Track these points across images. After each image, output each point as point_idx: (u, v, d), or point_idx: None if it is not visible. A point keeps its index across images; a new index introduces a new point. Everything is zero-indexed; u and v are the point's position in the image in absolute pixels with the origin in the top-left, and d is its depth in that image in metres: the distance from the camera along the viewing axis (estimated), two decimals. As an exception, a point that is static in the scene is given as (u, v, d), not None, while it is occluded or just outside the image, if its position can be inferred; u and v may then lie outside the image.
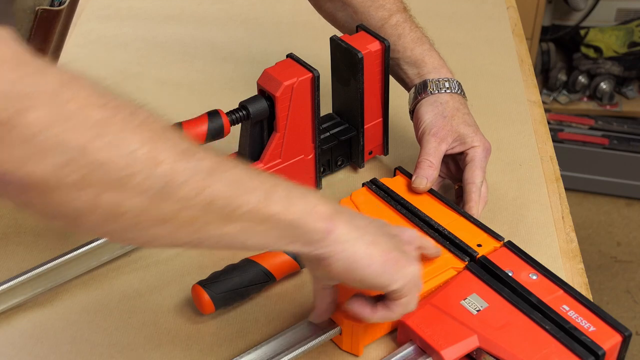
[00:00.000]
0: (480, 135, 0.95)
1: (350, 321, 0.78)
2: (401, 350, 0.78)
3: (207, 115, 0.88)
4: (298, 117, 0.93)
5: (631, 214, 2.45)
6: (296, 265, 0.86)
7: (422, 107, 0.96)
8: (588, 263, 2.19)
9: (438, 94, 0.96)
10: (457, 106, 0.96)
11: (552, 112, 2.53)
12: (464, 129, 0.94)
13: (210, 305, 0.81)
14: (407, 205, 0.90)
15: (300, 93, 0.91)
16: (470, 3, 1.42)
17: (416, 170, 0.93)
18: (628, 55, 2.53)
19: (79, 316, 0.85)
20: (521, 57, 1.28)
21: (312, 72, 0.91)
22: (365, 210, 0.90)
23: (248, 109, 0.90)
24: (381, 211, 0.90)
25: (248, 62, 1.26)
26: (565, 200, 1.00)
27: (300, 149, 0.95)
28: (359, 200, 0.92)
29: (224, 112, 0.89)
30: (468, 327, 0.77)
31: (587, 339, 0.75)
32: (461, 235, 0.86)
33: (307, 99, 0.92)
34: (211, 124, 0.88)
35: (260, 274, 0.84)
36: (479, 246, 0.85)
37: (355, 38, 0.96)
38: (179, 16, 1.39)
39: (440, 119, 0.94)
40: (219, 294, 0.82)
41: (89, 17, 1.38)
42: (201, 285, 0.82)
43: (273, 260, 0.85)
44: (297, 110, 0.92)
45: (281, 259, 0.85)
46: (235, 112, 0.90)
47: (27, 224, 0.96)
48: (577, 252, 0.92)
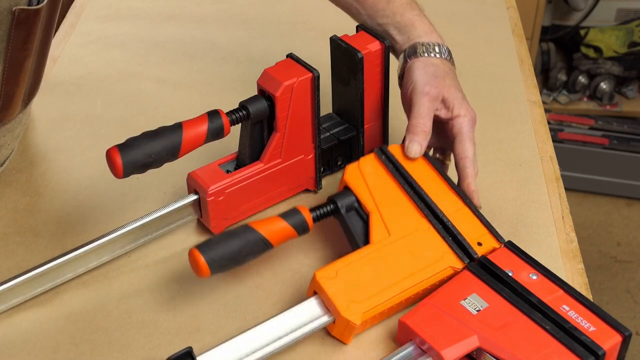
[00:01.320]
0: (467, 104, 0.92)
1: (346, 318, 0.79)
2: (401, 350, 0.78)
3: (207, 115, 0.88)
4: (298, 117, 0.93)
5: (631, 214, 2.45)
6: (294, 232, 0.85)
7: (412, 68, 0.93)
8: (588, 263, 2.19)
9: (428, 57, 0.94)
10: (447, 70, 0.94)
11: (552, 112, 2.53)
12: (454, 92, 0.91)
13: (206, 269, 0.79)
14: (412, 184, 0.89)
15: (300, 93, 0.91)
16: (470, 3, 1.42)
17: (409, 134, 0.90)
18: (628, 55, 2.53)
19: (79, 316, 0.85)
20: (521, 57, 1.28)
21: (312, 72, 0.91)
22: (370, 180, 0.88)
23: (248, 109, 0.90)
24: (385, 185, 0.89)
25: (248, 62, 1.26)
26: (565, 200, 1.00)
27: (300, 148, 0.95)
28: (366, 170, 0.90)
29: (224, 112, 0.89)
30: (468, 327, 0.77)
31: (587, 339, 0.75)
32: (463, 229, 0.86)
33: (307, 99, 0.92)
34: (211, 124, 0.88)
35: (257, 240, 0.82)
36: (479, 245, 0.85)
37: (355, 38, 0.96)
38: (179, 16, 1.39)
39: (432, 78, 0.92)
40: (216, 259, 0.80)
41: (89, 17, 1.38)
42: (198, 249, 0.80)
43: (270, 227, 0.83)
44: (297, 110, 0.92)
45: (279, 226, 0.84)
46: (235, 112, 0.90)
47: (27, 224, 0.96)
48: (577, 252, 0.92)
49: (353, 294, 0.80)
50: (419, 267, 0.83)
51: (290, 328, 0.80)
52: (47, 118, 1.14)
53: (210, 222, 0.93)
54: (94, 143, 1.09)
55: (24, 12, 0.86)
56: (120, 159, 0.82)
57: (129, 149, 0.83)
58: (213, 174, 0.92)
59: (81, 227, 0.96)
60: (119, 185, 1.00)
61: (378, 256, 0.83)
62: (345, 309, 0.79)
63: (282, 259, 0.91)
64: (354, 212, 0.88)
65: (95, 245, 0.87)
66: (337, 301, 0.79)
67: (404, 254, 0.84)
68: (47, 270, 0.85)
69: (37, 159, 1.07)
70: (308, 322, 0.80)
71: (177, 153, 0.86)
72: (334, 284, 0.80)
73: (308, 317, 0.81)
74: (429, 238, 0.86)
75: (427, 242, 0.85)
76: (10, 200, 1.00)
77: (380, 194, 0.88)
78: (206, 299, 0.87)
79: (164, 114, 1.16)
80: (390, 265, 0.83)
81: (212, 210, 0.91)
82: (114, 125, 1.13)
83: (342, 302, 0.79)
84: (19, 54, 0.90)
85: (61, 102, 1.18)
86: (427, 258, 0.84)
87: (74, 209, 0.98)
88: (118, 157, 0.82)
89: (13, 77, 0.92)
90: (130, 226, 0.89)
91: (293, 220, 0.84)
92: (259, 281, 0.89)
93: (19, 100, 0.97)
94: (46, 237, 0.94)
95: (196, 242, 0.93)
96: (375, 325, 0.83)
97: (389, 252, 0.84)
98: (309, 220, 0.85)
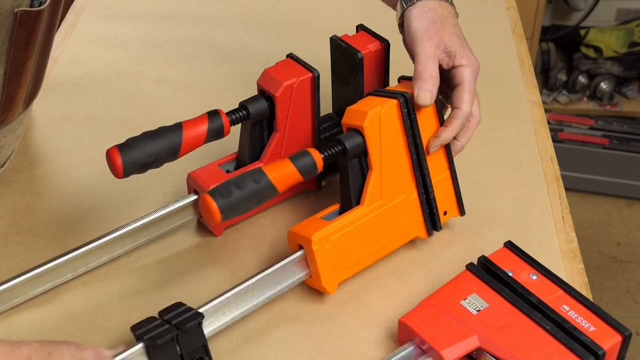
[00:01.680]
0: (469, 52, 0.89)
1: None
2: (401, 350, 0.78)
3: (207, 115, 0.88)
4: (298, 117, 0.93)
5: (631, 214, 2.45)
6: (300, 177, 0.82)
7: (411, 15, 0.90)
8: (588, 263, 2.19)
9: (425, 1, 0.90)
10: (445, 14, 0.90)
11: (552, 112, 2.53)
12: (455, 40, 0.88)
13: (218, 214, 0.77)
14: (416, 139, 0.87)
15: (300, 93, 0.91)
16: (470, 3, 1.42)
17: (416, 82, 0.86)
18: (628, 55, 2.53)
19: (79, 316, 0.85)
20: (521, 57, 1.28)
21: (312, 72, 0.91)
22: (384, 132, 0.85)
23: (248, 109, 0.90)
24: (395, 139, 0.86)
25: (248, 62, 1.26)
26: (565, 200, 1.00)
27: (300, 149, 0.95)
28: (385, 120, 0.86)
29: (224, 112, 0.89)
30: (468, 327, 0.77)
31: (587, 339, 0.75)
32: (439, 198, 0.90)
33: (307, 99, 0.92)
34: (211, 124, 0.88)
35: (268, 185, 0.80)
36: (445, 214, 0.91)
37: (355, 38, 0.95)
38: (179, 16, 1.39)
39: (431, 25, 0.88)
40: (226, 206, 0.78)
41: (89, 17, 1.38)
42: (210, 195, 0.78)
43: (279, 172, 0.81)
44: (297, 110, 0.92)
45: (288, 170, 0.82)
46: (235, 112, 0.90)
47: (27, 224, 0.96)
48: (577, 252, 0.92)
49: (337, 265, 0.84)
50: (395, 236, 0.88)
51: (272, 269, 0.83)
52: (48, 118, 1.14)
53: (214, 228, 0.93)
54: (94, 143, 1.09)
55: (26, 13, 0.86)
56: (120, 159, 0.82)
57: (129, 149, 0.83)
58: (213, 174, 0.92)
59: (81, 227, 0.96)
60: (119, 185, 1.00)
61: (367, 224, 0.86)
62: (327, 281, 0.84)
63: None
64: (356, 161, 0.86)
65: (95, 245, 0.87)
66: (323, 274, 0.83)
67: (388, 222, 0.87)
68: (47, 270, 0.85)
69: (38, 159, 1.07)
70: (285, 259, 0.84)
71: (177, 153, 0.86)
72: (324, 253, 0.83)
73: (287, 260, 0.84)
74: (412, 206, 0.89)
75: (409, 210, 0.88)
76: (10, 200, 1.00)
77: (388, 149, 0.86)
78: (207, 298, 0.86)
79: (164, 114, 1.16)
80: (374, 234, 0.86)
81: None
82: (114, 126, 1.13)
83: (327, 275, 0.83)
84: (21, 55, 0.90)
85: (61, 103, 1.18)
86: (403, 227, 0.88)
87: (74, 209, 0.98)
88: (118, 157, 0.82)
89: (15, 78, 0.92)
90: (130, 226, 0.89)
91: (302, 163, 0.83)
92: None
93: (21, 101, 0.97)
94: (46, 237, 0.94)
95: (196, 243, 0.94)
96: (375, 326, 0.84)
97: (376, 219, 0.86)
98: (318, 162, 0.83)
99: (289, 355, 0.81)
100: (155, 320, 0.76)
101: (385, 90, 0.88)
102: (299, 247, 0.84)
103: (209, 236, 0.94)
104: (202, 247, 0.93)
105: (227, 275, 0.89)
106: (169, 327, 0.75)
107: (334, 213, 0.87)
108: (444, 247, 0.93)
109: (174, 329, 0.75)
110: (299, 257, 0.84)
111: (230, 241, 0.94)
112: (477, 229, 0.95)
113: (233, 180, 0.79)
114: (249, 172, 0.80)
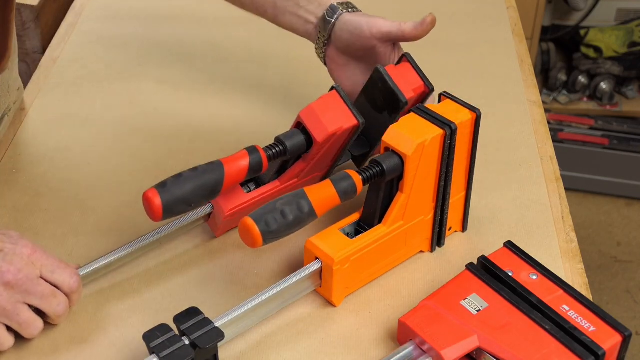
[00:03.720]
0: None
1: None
2: (401, 350, 0.78)
3: (247, 152, 0.85)
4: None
5: (631, 214, 2.45)
6: (339, 201, 0.82)
7: (343, 21, 0.95)
8: (588, 263, 2.19)
9: (350, 13, 0.96)
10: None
11: (552, 112, 2.53)
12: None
13: (260, 239, 0.77)
14: (449, 159, 0.86)
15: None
16: (470, 3, 1.42)
17: (418, 23, 0.93)
18: (628, 55, 2.53)
19: (79, 316, 0.85)
20: (521, 57, 1.28)
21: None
22: (425, 159, 0.84)
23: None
24: (431, 162, 0.85)
25: (248, 62, 1.26)
26: (565, 200, 1.00)
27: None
28: (430, 147, 0.84)
29: (263, 149, 0.87)
30: (468, 327, 0.77)
31: (587, 339, 0.75)
32: (450, 215, 0.90)
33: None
34: (251, 158, 0.84)
35: (309, 210, 0.79)
36: (449, 229, 0.92)
37: (400, 72, 0.92)
38: (179, 16, 1.39)
39: (367, 16, 0.95)
40: (268, 228, 0.77)
41: (89, 17, 1.38)
42: (252, 218, 0.77)
43: (320, 196, 0.81)
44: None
45: (329, 194, 0.81)
46: (272, 148, 0.88)
47: (27, 224, 0.96)
48: (577, 252, 0.92)
49: (350, 282, 0.84)
50: (403, 252, 0.88)
51: (284, 281, 0.82)
52: (47, 118, 1.14)
53: (217, 230, 0.93)
54: (94, 143, 1.09)
55: None
56: (159, 200, 0.78)
57: (169, 189, 0.79)
58: (231, 194, 0.89)
59: (81, 227, 0.96)
60: (119, 185, 1.00)
61: (384, 244, 0.85)
62: (337, 296, 0.84)
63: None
64: (389, 182, 0.84)
65: (106, 263, 0.87)
66: (336, 290, 0.83)
67: (401, 241, 0.87)
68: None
69: (37, 159, 1.07)
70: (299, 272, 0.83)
71: (217, 192, 0.83)
72: (342, 273, 0.83)
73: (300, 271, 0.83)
74: (425, 225, 0.89)
75: (422, 229, 0.88)
76: (10, 200, 0.99)
77: (422, 175, 0.85)
78: (208, 301, 0.86)
79: (164, 114, 1.16)
80: (386, 252, 0.86)
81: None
82: (114, 126, 1.13)
83: (339, 291, 0.84)
84: None
85: (61, 103, 1.18)
86: (413, 244, 0.88)
87: (74, 209, 0.98)
88: (157, 199, 0.78)
89: None
90: (141, 243, 0.88)
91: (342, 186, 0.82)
92: (260, 283, 0.89)
93: None
94: (46, 237, 0.94)
95: (198, 244, 0.93)
96: (375, 326, 0.84)
97: (394, 240, 0.86)
98: (358, 186, 0.82)
99: (289, 355, 0.81)
100: (169, 331, 0.75)
101: (430, 112, 0.85)
102: (315, 258, 0.83)
103: (214, 240, 0.94)
104: (202, 247, 0.93)
105: (229, 275, 0.89)
106: (186, 346, 0.74)
107: (353, 225, 0.87)
108: (444, 247, 0.93)
109: (192, 350, 0.74)
110: (315, 270, 0.83)
111: (229, 241, 0.94)
112: (477, 229, 0.95)
113: (278, 208, 0.77)
114: (292, 197, 0.78)
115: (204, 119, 1.13)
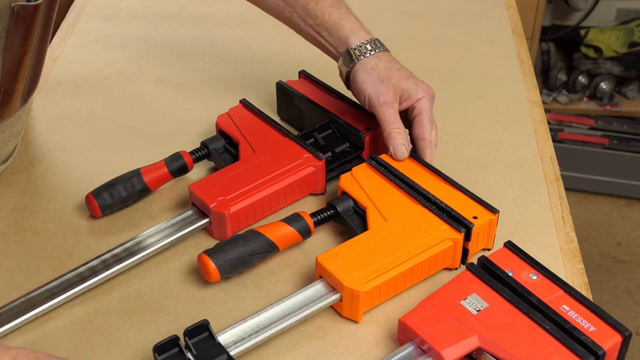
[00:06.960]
0: (421, 83, 0.97)
1: (350, 288, 0.81)
2: (401, 350, 0.78)
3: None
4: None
5: (631, 214, 2.45)
6: (299, 236, 0.89)
7: (356, 77, 0.98)
8: (588, 263, 2.19)
9: (364, 60, 0.97)
10: (387, 65, 0.97)
11: (552, 112, 2.54)
12: (404, 83, 0.96)
13: (216, 273, 0.84)
14: (405, 180, 0.93)
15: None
16: (470, 3, 1.42)
17: (389, 141, 0.95)
18: (628, 55, 2.53)
19: (79, 316, 0.85)
20: (521, 57, 1.28)
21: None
22: (364, 184, 0.92)
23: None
24: (381, 186, 0.92)
25: (248, 62, 1.26)
26: (565, 200, 1.00)
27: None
28: (359, 176, 0.94)
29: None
30: (468, 327, 0.77)
31: (587, 339, 0.75)
32: (458, 207, 0.89)
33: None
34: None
35: (264, 243, 0.87)
36: (475, 218, 0.88)
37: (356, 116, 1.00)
38: (179, 16, 1.39)
39: (380, 85, 0.96)
40: (224, 262, 0.84)
41: (89, 17, 1.38)
42: (207, 254, 0.85)
43: (277, 232, 0.87)
44: None
45: (284, 231, 0.88)
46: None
47: (27, 224, 0.96)
48: (577, 252, 0.92)
49: (354, 267, 0.83)
50: (417, 240, 0.87)
51: (297, 306, 0.82)
52: (47, 118, 1.14)
53: (214, 232, 0.93)
54: (94, 143, 1.09)
55: (23, 8, 0.86)
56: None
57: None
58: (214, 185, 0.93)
59: (81, 227, 0.96)
60: (119, 185, 1.00)
61: (376, 238, 0.87)
62: (348, 281, 0.81)
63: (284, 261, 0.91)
64: (352, 212, 0.92)
65: (104, 277, 0.87)
66: (339, 275, 0.82)
67: (401, 233, 0.87)
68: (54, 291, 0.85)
69: (37, 159, 1.07)
70: (314, 300, 0.82)
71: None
72: (334, 262, 0.83)
73: (314, 297, 0.83)
74: (425, 218, 0.89)
75: (422, 221, 0.89)
76: (10, 200, 1.00)
77: (375, 192, 0.92)
78: (208, 301, 0.86)
79: (164, 114, 1.16)
80: (389, 242, 0.86)
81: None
82: (114, 125, 1.13)
83: (344, 275, 0.82)
84: (19, 50, 0.90)
85: (61, 102, 1.18)
86: (423, 232, 0.87)
87: (74, 209, 0.98)
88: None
89: (12, 73, 0.92)
90: (141, 254, 0.89)
91: (297, 226, 0.88)
92: (261, 283, 0.89)
93: (19, 96, 0.97)
94: (46, 237, 0.94)
95: (196, 242, 0.93)
96: (375, 326, 0.84)
97: (386, 234, 0.87)
98: (310, 225, 0.89)
99: (288, 355, 0.81)
100: (176, 346, 0.76)
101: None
102: (319, 277, 0.85)
103: (209, 236, 0.94)
104: (203, 247, 0.93)
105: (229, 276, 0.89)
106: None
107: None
108: (444, 247, 0.93)
109: None
110: (335, 299, 0.83)
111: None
112: (477, 229, 0.95)
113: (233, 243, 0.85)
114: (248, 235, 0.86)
115: (204, 119, 1.13)
